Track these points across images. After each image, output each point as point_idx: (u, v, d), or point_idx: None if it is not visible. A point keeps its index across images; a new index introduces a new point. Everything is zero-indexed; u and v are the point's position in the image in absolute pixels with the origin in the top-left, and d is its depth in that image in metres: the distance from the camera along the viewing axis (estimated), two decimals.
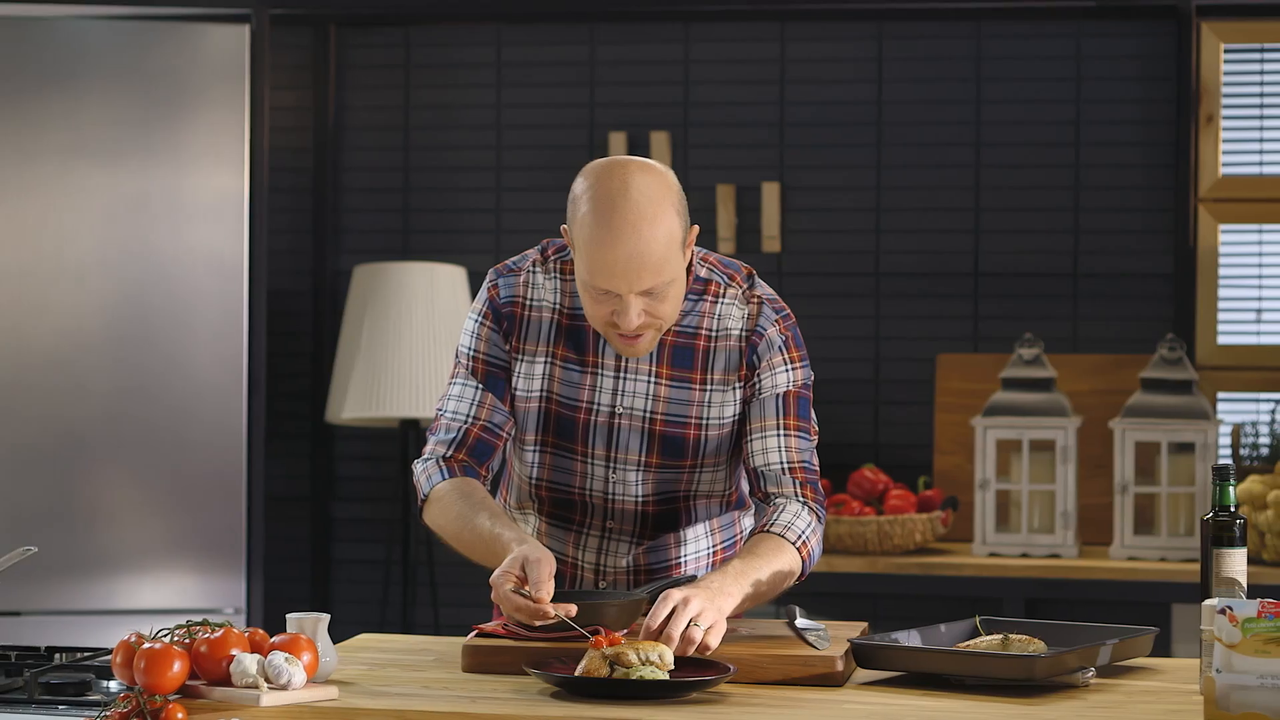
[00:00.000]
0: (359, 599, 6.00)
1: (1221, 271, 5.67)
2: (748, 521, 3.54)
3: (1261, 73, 5.67)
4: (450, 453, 3.30)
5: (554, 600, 3.13)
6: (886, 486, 5.38)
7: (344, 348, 5.72)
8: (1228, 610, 2.64)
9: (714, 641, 2.98)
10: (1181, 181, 5.62)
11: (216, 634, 2.73)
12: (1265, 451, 5.39)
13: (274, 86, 5.93)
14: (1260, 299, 5.68)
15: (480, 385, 3.32)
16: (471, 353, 3.33)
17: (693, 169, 5.90)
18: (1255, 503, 5.06)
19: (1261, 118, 5.68)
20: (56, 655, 3.20)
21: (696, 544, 3.44)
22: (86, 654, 3.18)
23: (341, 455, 6.09)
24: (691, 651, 2.96)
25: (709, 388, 3.30)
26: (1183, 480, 5.21)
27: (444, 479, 3.28)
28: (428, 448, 3.34)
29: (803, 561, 3.25)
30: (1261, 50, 5.67)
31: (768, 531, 3.25)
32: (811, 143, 5.87)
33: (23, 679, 2.98)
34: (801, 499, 3.30)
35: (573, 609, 2.99)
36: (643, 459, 3.31)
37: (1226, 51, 5.65)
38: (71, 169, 5.52)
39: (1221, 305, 5.66)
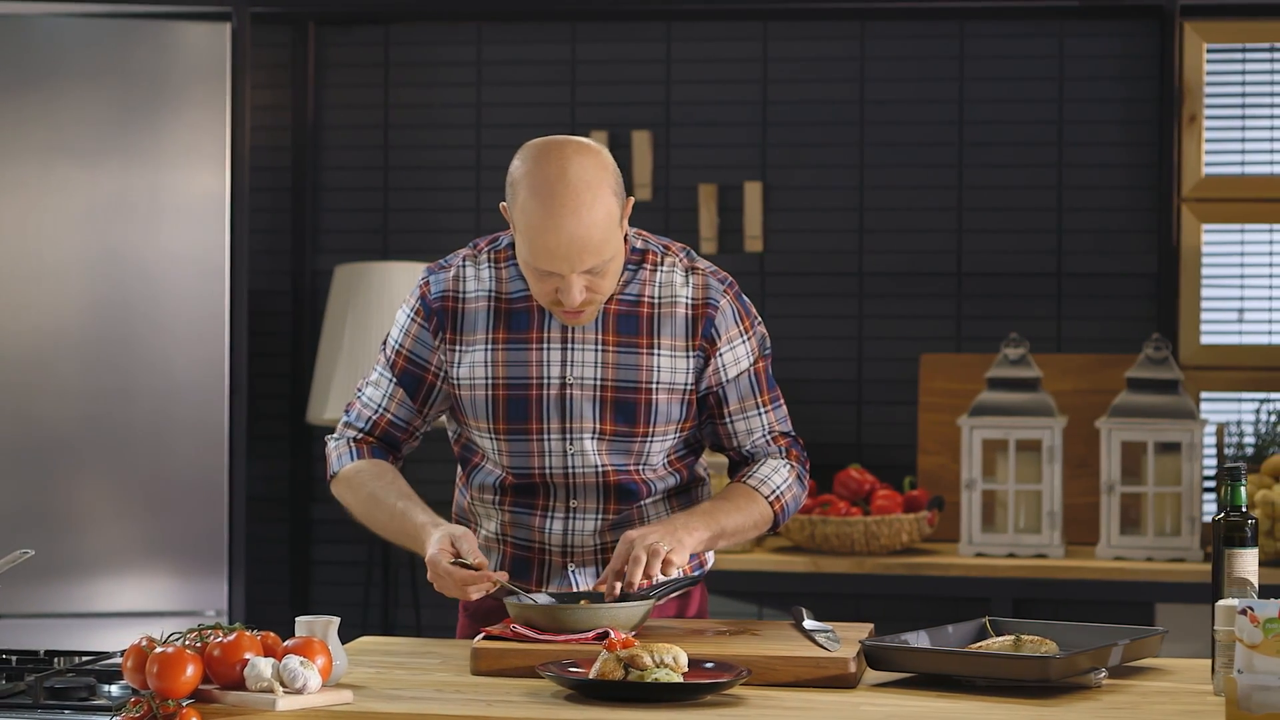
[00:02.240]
0: (339, 601, 5.96)
1: (1204, 271, 5.67)
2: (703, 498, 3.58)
3: (1244, 73, 5.68)
4: (361, 436, 3.47)
5: (562, 601, 3.17)
6: (873, 487, 5.36)
7: (325, 348, 5.68)
8: (1249, 611, 2.64)
9: (676, 559, 3.19)
10: (1164, 181, 5.62)
11: (229, 637, 2.70)
12: (1250, 451, 5.40)
13: (253, 85, 5.88)
14: (1242, 299, 5.69)
15: (394, 380, 3.44)
16: (396, 346, 3.44)
17: (674, 168, 5.88)
18: None
19: (1244, 118, 5.69)
20: (56, 660, 3.18)
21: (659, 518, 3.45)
22: (88, 658, 3.15)
23: (320, 456, 6.04)
24: (657, 567, 3.16)
25: (657, 352, 3.36)
26: (1169, 480, 5.21)
27: (354, 459, 3.45)
28: (340, 426, 3.51)
29: (775, 514, 3.42)
30: (1244, 50, 5.67)
31: (743, 483, 3.42)
32: (794, 142, 5.85)
33: (25, 684, 2.95)
34: (784, 459, 3.46)
35: (504, 575, 3.26)
36: (597, 426, 3.35)
37: (1209, 51, 5.66)
38: (51, 168, 5.47)
39: (1204, 305, 5.67)
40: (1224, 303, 5.69)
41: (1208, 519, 5.44)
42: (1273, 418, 5.42)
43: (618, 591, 3.17)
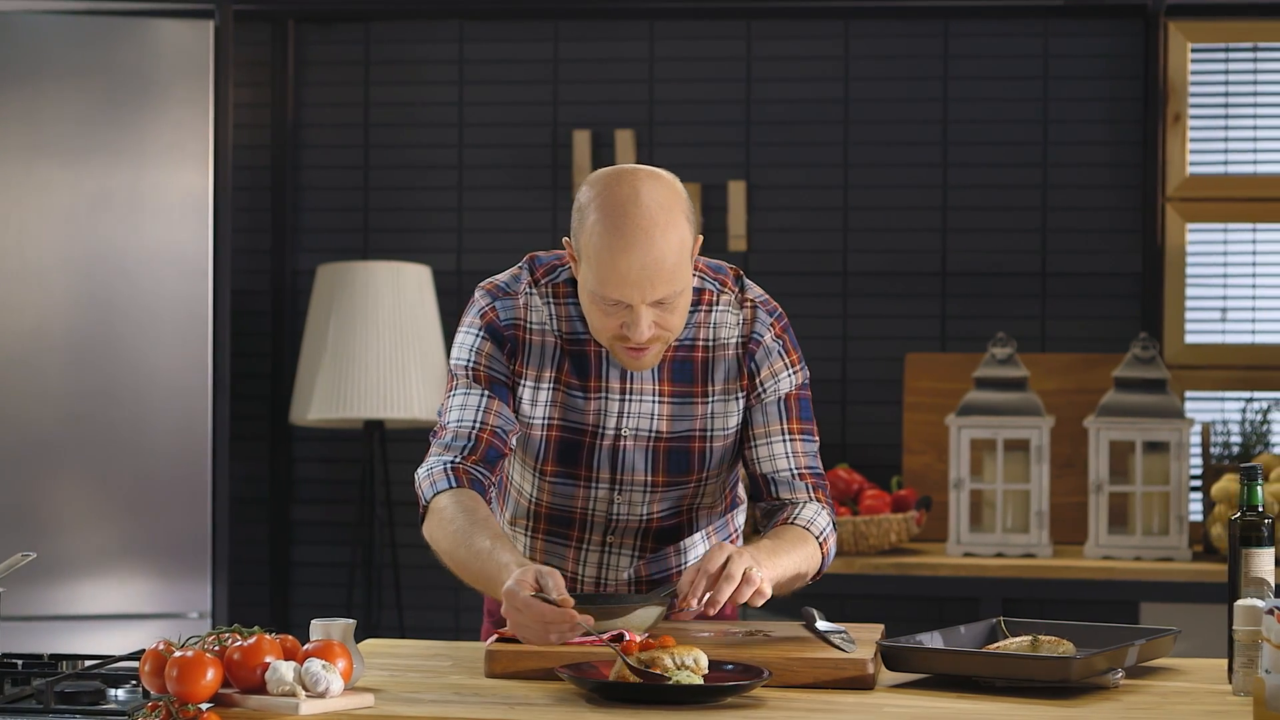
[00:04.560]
0: (321, 602, 5.93)
1: (1189, 271, 5.68)
2: (739, 519, 3.53)
3: (1227, 72, 5.69)
4: (458, 459, 3.18)
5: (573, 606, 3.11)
6: (861, 487, 5.36)
7: (308, 348, 5.64)
8: (1276, 611, 2.63)
9: (768, 591, 3.02)
10: (1149, 181, 5.63)
11: (249, 641, 2.67)
12: (1236, 450, 5.40)
13: (233, 83, 5.84)
14: (1226, 298, 5.70)
15: (485, 392, 3.22)
16: (471, 364, 3.24)
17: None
18: (1233, 501, 5.06)
19: (1227, 117, 5.70)
20: (61, 664, 3.14)
21: (694, 550, 3.43)
22: (94, 662, 3.11)
23: (300, 457, 6.02)
24: (746, 596, 2.97)
25: (711, 399, 3.27)
26: (1156, 480, 5.21)
27: (449, 486, 3.15)
28: (431, 456, 3.23)
29: (822, 558, 3.25)
30: (1227, 50, 5.69)
31: (792, 524, 3.23)
32: (778, 141, 5.84)
33: (33, 688, 2.92)
34: (816, 502, 3.30)
35: (590, 620, 2.92)
36: (649, 479, 3.28)
37: (1194, 51, 5.67)
38: (33, 167, 5.42)
39: (1189, 304, 5.68)
40: (1209, 302, 5.69)
41: (1195, 518, 5.45)
42: (1258, 416, 5.43)
43: (701, 593, 2.97)
